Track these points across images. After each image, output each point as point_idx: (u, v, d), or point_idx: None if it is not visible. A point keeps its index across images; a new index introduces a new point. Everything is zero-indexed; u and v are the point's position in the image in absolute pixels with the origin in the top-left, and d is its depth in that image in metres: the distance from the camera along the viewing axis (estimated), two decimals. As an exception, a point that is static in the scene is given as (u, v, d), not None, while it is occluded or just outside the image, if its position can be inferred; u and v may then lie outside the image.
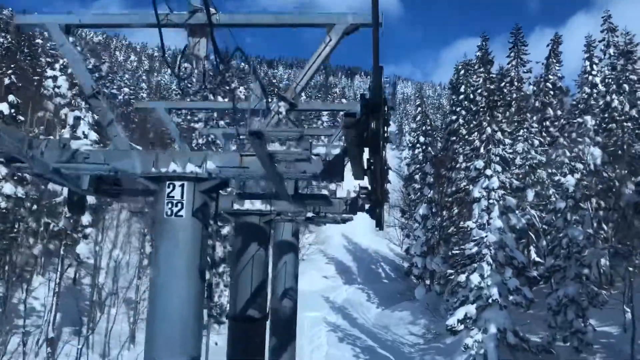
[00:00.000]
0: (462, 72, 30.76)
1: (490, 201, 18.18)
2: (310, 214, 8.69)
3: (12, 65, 32.18)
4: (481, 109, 20.95)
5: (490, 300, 17.34)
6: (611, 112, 28.56)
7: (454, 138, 30.76)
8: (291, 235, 9.51)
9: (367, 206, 7.20)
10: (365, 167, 4.43)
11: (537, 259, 22.64)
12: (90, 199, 21.12)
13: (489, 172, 18.47)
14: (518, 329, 17.92)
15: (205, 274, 4.75)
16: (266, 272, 7.96)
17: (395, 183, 62.93)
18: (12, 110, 22.72)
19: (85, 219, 24.69)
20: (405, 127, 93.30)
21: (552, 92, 28.39)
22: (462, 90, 30.68)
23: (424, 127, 34.13)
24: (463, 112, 30.55)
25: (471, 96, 29.22)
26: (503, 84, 28.37)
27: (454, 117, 31.10)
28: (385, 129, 4.31)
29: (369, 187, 5.66)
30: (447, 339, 27.26)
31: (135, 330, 24.26)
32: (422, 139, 33.88)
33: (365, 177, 4.75)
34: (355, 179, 4.67)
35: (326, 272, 41.88)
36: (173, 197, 4.56)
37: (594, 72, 30.74)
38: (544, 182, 23.88)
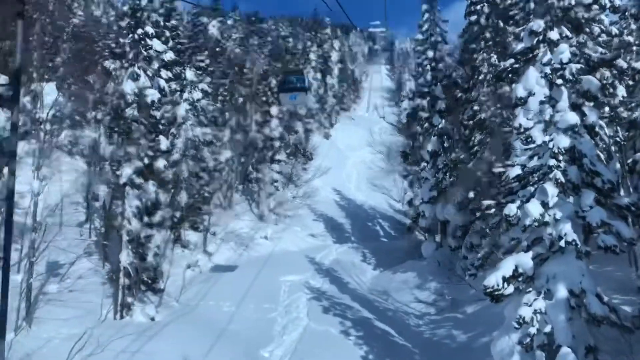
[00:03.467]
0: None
1: (558, 82, 10.95)
2: None
3: None
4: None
5: (562, 243, 10.28)
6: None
7: (474, 46, 23.29)
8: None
9: None
10: None
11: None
12: None
13: (554, 35, 11.14)
14: (600, 290, 10.93)
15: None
16: None
17: (393, 137, 55.61)
18: None
19: None
20: (405, 75, 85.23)
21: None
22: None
23: (432, 39, 26.55)
24: (486, 10, 22.99)
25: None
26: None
27: (472, 18, 23.50)
28: None
29: None
30: (467, 307, 20.48)
31: (33, 305, 17.30)
32: (430, 53, 26.33)
33: None
34: None
35: (313, 230, 34.98)
36: None
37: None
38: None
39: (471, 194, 21.57)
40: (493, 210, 12.30)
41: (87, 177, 25.11)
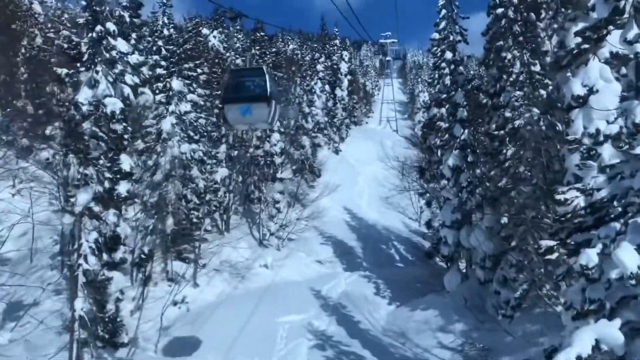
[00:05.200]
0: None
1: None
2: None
3: None
4: None
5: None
6: None
7: (501, 43, 19.78)
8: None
9: None
10: None
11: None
12: None
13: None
14: None
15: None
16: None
17: (407, 151, 52.01)
18: None
19: None
20: (418, 86, 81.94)
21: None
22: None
23: (451, 37, 23.14)
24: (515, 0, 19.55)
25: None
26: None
27: (499, 11, 20.06)
28: None
29: None
30: (503, 358, 16.74)
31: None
32: (449, 54, 22.92)
33: None
34: None
35: (321, 256, 31.39)
36: None
37: None
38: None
39: (504, 219, 17.90)
40: (556, 254, 8.69)
41: (57, 202, 22.14)
